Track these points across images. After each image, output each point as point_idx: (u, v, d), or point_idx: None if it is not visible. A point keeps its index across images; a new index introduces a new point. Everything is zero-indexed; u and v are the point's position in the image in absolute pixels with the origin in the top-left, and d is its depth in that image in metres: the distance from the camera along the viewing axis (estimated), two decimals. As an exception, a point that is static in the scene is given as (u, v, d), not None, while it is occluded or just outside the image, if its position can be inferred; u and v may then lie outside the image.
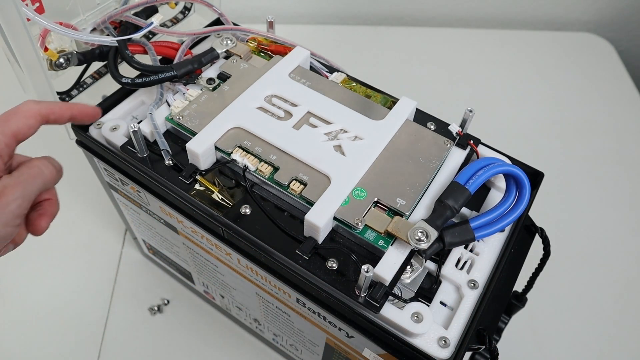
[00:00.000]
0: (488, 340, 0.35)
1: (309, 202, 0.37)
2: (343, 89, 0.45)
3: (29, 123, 0.34)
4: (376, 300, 0.33)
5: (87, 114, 0.39)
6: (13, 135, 0.33)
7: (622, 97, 0.88)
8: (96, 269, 0.64)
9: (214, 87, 0.44)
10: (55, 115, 0.36)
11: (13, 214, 0.31)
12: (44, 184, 0.33)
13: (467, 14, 0.99)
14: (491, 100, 0.86)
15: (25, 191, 0.32)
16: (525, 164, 0.42)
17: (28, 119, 0.34)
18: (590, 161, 0.79)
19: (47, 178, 0.34)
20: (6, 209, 0.30)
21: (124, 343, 0.59)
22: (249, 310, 0.53)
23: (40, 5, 0.42)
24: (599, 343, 0.61)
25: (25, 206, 0.32)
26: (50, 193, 0.36)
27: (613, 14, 0.99)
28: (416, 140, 0.41)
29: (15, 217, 0.31)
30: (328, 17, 0.98)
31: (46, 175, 0.34)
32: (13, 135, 0.33)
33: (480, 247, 0.39)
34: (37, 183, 0.33)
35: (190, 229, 0.44)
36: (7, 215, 0.30)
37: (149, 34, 0.51)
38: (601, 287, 0.66)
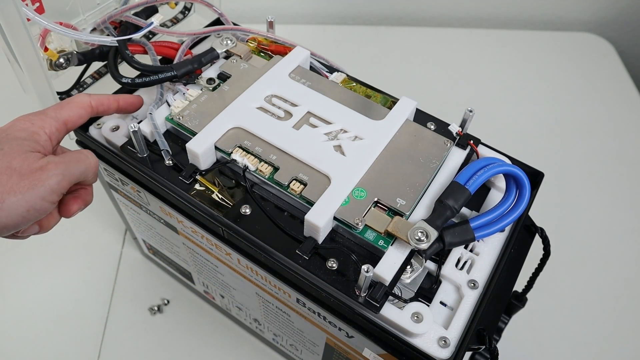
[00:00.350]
0: (488, 340, 0.35)
1: (309, 202, 0.37)
2: (343, 89, 0.45)
3: (79, 113, 0.37)
4: (376, 300, 0.33)
5: (131, 103, 0.42)
6: (64, 122, 0.36)
7: (622, 97, 0.88)
8: (96, 269, 0.64)
9: (214, 87, 0.44)
10: (104, 106, 0.39)
11: (51, 188, 0.32)
12: (86, 170, 0.35)
13: (467, 14, 0.99)
14: (491, 100, 0.86)
15: (67, 170, 0.33)
16: (525, 164, 0.42)
17: (79, 109, 0.37)
18: (590, 161, 0.79)
19: (90, 165, 0.35)
20: (45, 182, 0.32)
21: (124, 343, 0.59)
22: (249, 310, 0.53)
23: (40, 5, 0.42)
24: (599, 343, 0.61)
25: (64, 185, 0.33)
26: (86, 184, 0.37)
27: (613, 14, 0.99)
28: (416, 140, 0.41)
29: (52, 193, 0.32)
30: (328, 17, 0.98)
31: (90, 163, 0.35)
32: (64, 122, 0.36)
33: (480, 247, 0.39)
34: (80, 167, 0.34)
35: (190, 229, 0.44)
36: (45, 189, 0.32)
37: (149, 34, 0.51)
38: (601, 287, 0.66)
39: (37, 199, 0.31)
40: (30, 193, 0.31)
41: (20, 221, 0.31)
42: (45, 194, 0.32)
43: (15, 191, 0.30)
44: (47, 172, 0.32)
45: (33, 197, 0.31)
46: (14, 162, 0.31)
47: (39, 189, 0.31)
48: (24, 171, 0.31)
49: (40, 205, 0.32)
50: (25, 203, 0.31)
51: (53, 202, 0.33)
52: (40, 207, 0.32)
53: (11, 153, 0.32)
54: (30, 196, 0.31)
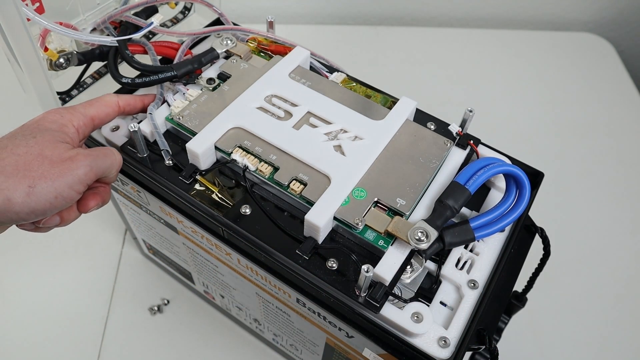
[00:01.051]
0: (488, 340, 0.35)
1: (309, 202, 0.37)
2: (343, 89, 0.45)
3: (106, 111, 0.39)
4: (376, 300, 0.33)
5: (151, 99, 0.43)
6: (91, 118, 0.38)
7: (622, 97, 0.88)
8: (96, 269, 0.64)
9: (214, 87, 0.44)
10: (131, 106, 0.41)
11: (79, 178, 0.33)
12: (111, 165, 0.36)
13: (467, 14, 0.99)
14: (491, 100, 0.86)
15: (95, 163, 0.34)
16: (525, 164, 0.42)
17: (107, 107, 0.39)
18: (590, 161, 0.79)
19: (116, 161, 0.37)
20: (74, 172, 0.33)
21: (124, 343, 0.59)
22: (249, 310, 0.53)
23: (40, 5, 0.42)
24: (599, 343, 0.61)
25: (91, 177, 0.34)
26: (106, 183, 0.38)
27: (613, 14, 0.99)
28: (416, 140, 0.41)
29: (80, 182, 0.33)
30: (328, 17, 0.98)
31: (116, 159, 0.37)
32: (91, 118, 0.38)
33: (480, 247, 0.39)
34: (107, 162, 0.36)
35: (190, 229, 0.44)
36: (73, 178, 0.33)
37: (149, 34, 0.51)
38: (601, 287, 0.66)
39: (65, 186, 0.32)
40: (60, 180, 0.32)
41: (48, 207, 0.32)
42: (73, 182, 0.33)
43: (46, 177, 0.32)
44: (76, 162, 0.33)
45: (62, 185, 0.32)
46: (45, 150, 0.33)
47: (67, 177, 0.32)
48: (54, 159, 0.33)
49: (67, 193, 0.33)
50: (54, 190, 0.32)
51: (79, 191, 0.34)
52: (67, 195, 0.33)
53: (43, 142, 0.33)
54: (60, 183, 0.32)
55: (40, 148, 0.33)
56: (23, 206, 0.31)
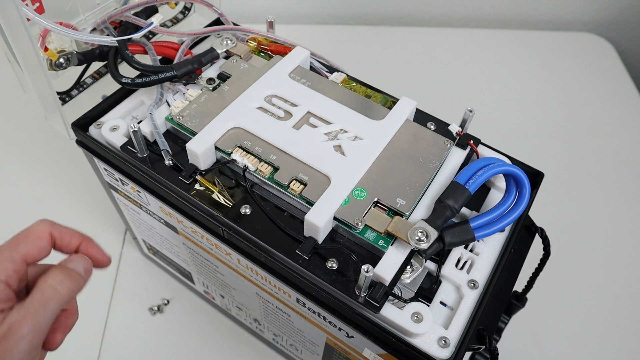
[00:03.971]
0: (488, 340, 0.35)
1: (309, 202, 0.37)
2: (343, 89, 0.45)
3: (39, 245, 0.31)
4: (376, 300, 0.33)
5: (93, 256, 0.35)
6: (23, 260, 0.30)
7: (622, 97, 0.88)
8: (96, 269, 0.64)
9: (214, 87, 0.44)
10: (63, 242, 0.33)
11: (25, 351, 0.27)
12: (59, 305, 0.30)
13: (467, 14, 0.99)
14: (491, 100, 0.86)
15: (36, 323, 0.28)
16: (525, 164, 0.42)
17: (39, 242, 0.31)
18: (591, 161, 0.79)
19: (63, 297, 0.30)
20: (15, 350, 0.27)
21: (124, 343, 0.59)
22: (249, 310, 0.53)
23: (40, 5, 0.42)
24: (599, 343, 0.61)
25: (39, 338, 0.28)
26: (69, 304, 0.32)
27: (613, 14, 0.99)
28: (416, 140, 0.41)
29: (29, 353, 0.28)
30: (328, 17, 0.98)
31: (62, 294, 0.30)
32: (23, 260, 0.30)
33: (480, 247, 0.39)
34: (52, 307, 0.29)
35: (190, 229, 0.44)
36: (19, 355, 0.27)
37: (149, 34, 0.51)
38: (601, 287, 0.66)
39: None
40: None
41: None
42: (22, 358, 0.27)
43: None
44: (12, 337, 0.27)
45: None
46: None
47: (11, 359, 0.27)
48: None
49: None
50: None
51: (34, 357, 0.29)
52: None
53: None
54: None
55: None
56: None
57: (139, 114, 0.46)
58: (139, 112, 0.46)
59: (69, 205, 0.69)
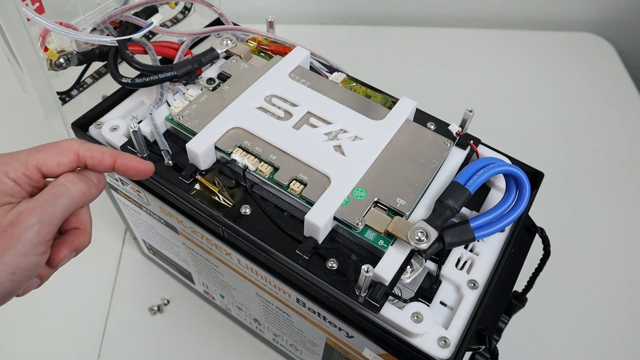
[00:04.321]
0: (488, 340, 0.35)
1: (309, 202, 0.37)
2: (343, 89, 0.45)
3: (58, 159, 0.31)
4: (376, 300, 0.33)
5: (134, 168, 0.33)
6: (36, 167, 0.30)
7: (622, 97, 0.88)
8: (96, 269, 0.64)
9: (214, 87, 0.44)
10: (95, 160, 0.32)
11: (32, 241, 0.28)
12: (70, 203, 0.30)
13: (467, 14, 0.99)
14: (491, 100, 0.86)
15: (45, 214, 0.28)
16: (525, 164, 0.42)
17: (60, 156, 0.31)
18: (590, 161, 0.79)
19: (74, 195, 0.30)
20: (22, 237, 0.27)
21: (124, 343, 0.59)
22: (249, 310, 0.53)
23: (40, 5, 0.42)
24: (599, 343, 0.61)
25: (46, 231, 0.28)
26: (81, 222, 0.32)
27: (613, 14, 0.99)
28: (416, 140, 0.41)
29: (35, 245, 0.28)
30: (328, 17, 0.98)
31: (73, 193, 0.30)
32: (36, 167, 0.30)
33: (480, 247, 0.39)
34: (61, 203, 0.29)
35: (190, 229, 0.44)
36: (25, 245, 0.27)
37: (149, 34, 0.51)
38: (601, 287, 0.66)
39: (19, 257, 0.27)
40: (9, 254, 0.27)
41: (12, 286, 0.28)
42: (26, 249, 0.27)
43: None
44: (20, 225, 0.27)
45: (14, 258, 0.27)
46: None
47: (17, 247, 0.27)
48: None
49: (26, 263, 0.28)
50: (7, 267, 0.27)
51: (42, 252, 0.28)
52: (27, 264, 0.28)
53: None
54: (10, 258, 0.27)
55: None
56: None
57: (139, 114, 0.46)
58: (139, 112, 0.46)
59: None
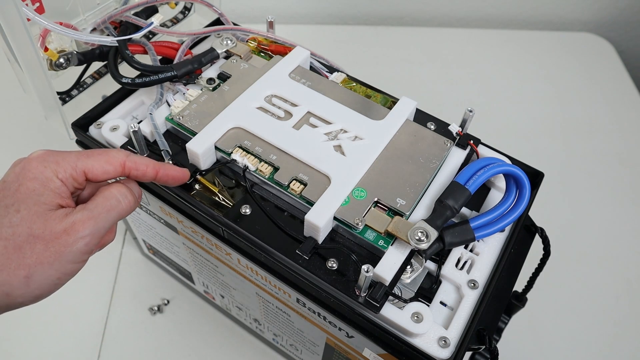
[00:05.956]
0: (488, 340, 0.35)
1: (309, 202, 0.37)
2: (343, 89, 0.45)
3: (105, 168, 0.32)
4: (376, 300, 0.33)
5: (173, 177, 0.36)
6: (83, 172, 0.31)
7: (622, 97, 0.88)
8: (96, 269, 0.64)
9: (214, 87, 0.44)
10: (139, 172, 0.33)
11: (80, 251, 0.29)
12: (119, 217, 0.31)
13: (467, 14, 0.99)
14: (491, 100, 0.86)
15: (97, 227, 0.30)
16: (525, 164, 0.42)
17: (107, 165, 0.32)
18: (590, 161, 0.79)
19: (123, 210, 0.32)
20: (74, 247, 0.29)
21: (124, 343, 0.59)
22: (249, 310, 0.53)
23: (40, 5, 0.42)
24: (599, 343, 0.61)
25: (94, 243, 0.30)
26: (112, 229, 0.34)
27: (613, 14, 0.99)
28: (416, 140, 0.41)
29: (83, 254, 0.30)
30: (328, 17, 0.98)
31: (123, 207, 0.32)
32: (83, 172, 0.31)
33: (480, 247, 0.39)
34: (112, 217, 0.31)
35: (190, 229, 0.44)
36: (74, 254, 0.29)
37: (149, 34, 0.51)
38: (601, 287, 0.66)
39: (67, 264, 0.29)
40: (59, 262, 0.28)
41: (53, 288, 0.29)
42: (75, 258, 0.29)
43: (43, 263, 0.28)
44: (73, 234, 0.29)
45: (62, 265, 0.29)
46: (34, 227, 0.28)
47: (68, 256, 0.29)
48: (47, 237, 0.28)
49: (71, 269, 0.29)
50: (55, 272, 0.29)
51: (85, 260, 0.30)
52: (71, 271, 0.30)
53: (29, 216, 0.28)
54: (59, 264, 0.29)
55: (28, 225, 0.28)
56: (25, 297, 0.28)
57: (139, 114, 0.46)
58: (139, 112, 0.46)
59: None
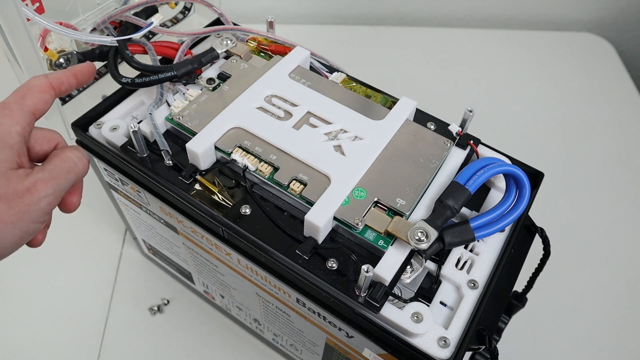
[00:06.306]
0: (488, 340, 0.35)
1: (309, 202, 0.37)
2: (343, 89, 0.45)
3: (44, 98, 0.32)
4: (376, 300, 0.33)
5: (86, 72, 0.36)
6: (32, 113, 0.31)
7: (622, 97, 0.88)
8: (96, 269, 0.64)
9: (214, 87, 0.44)
10: (65, 85, 0.34)
11: (43, 211, 0.30)
12: (76, 179, 0.33)
13: (467, 14, 0.99)
14: (491, 100, 0.86)
15: (58, 187, 0.31)
16: (525, 164, 0.42)
17: (43, 94, 0.32)
18: (590, 161, 0.79)
19: (80, 172, 0.33)
20: (36, 206, 0.29)
21: (124, 343, 0.59)
22: (249, 310, 0.53)
23: (40, 5, 0.43)
24: (599, 343, 0.61)
25: (55, 203, 0.31)
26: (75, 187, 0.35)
27: (613, 14, 0.99)
28: (416, 140, 0.41)
29: (44, 214, 0.30)
30: (328, 17, 0.98)
31: (79, 169, 0.33)
32: (32, 113, 0.31)
33: (480, 247, 0.39)
34: (70, 178, 0.32)
35: (190, 229, 0.44)
36: (37, 213, 0.29)
37: (149, 34, 0.51)
38: (601, 287, 0.66)
39: (29, 223, 0.29)
40: (23, 220, 0.29)
41: (14, 248, 0.30)
42: (37, 217, 0.29)
43: (6, 222, 0.28)
44: (36, 193, 0.29)
45: (25, 224, 0.29)
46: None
47: (30, 215, 0.29)
48: (9, 196, 0.28)
49: (33, 228, 0.30)
50: (18, 231, 0.29)
51: (45, 220, 0.31)
52: (33, 230, 0.30)
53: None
54: (22, 224, 0.29)
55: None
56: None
57: (139, 114, 0.46)
58: (139, 112, 0.46)
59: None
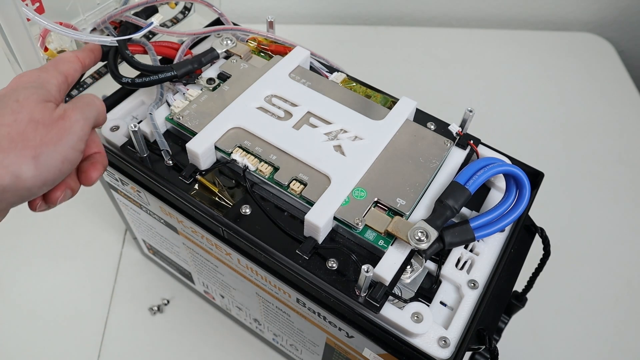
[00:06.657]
0: (488, 340, 0.35)
1: (309, 202, 0.37)
2: (343, 89, 0.45)
3: (74, 67, 0.36)
4: (376, 300, 0.33)
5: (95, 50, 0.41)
6: (65, 76, 0.34)
7: (622, 97, 0.88)
8: (96, 269, 0.64)
9: (214, 87, 0.44)
10: (89, 58, 0.39)
11: (78, 135, 0.31)
12: (97, 113, 0.34)
13: (467, 14, 0.99)
14: (491, 100, 0.86)
15: (85, 114, 0.32)
16: (525, 164, 0.42)
17: (74, 63, 0.36)
18: (590, 161, 0.79)
19: (99, 108, 0.34)
20: (71, 130, 0.31)
21: (124, 343, 0.59)
22: (249, 310, 0.53)
23: (40, 5, 0.42)
24: (599, 343, 0.61)
25: (86, 130, 0.32)
26: (98, 146, 0.36)
27: (613, 14, 0.99)
28: (416, 140, 0.41)
29: (80, 140, 0.31)
30: (328, 17, 0.98)
31: (97, 104, 0.34)
32: (65, 76, 0.34)
33: (480, 247, 0.39)
34: (93, 110, 0.33)
35: (190, 229, 0.44)
36: (73, 137, 0.31)
37: (149, 34, 0.51)
38: (601, 287, 0.66)
39: (68, 149, 0.31)
40: (62, 144, 0.30)
41: (58, 175, 0.30)
42: (74, 142, 0.31)
43: (47, 144, 0.29)
44: (68, 119, 0.31)
45: (65, 148, 0.30)
46: (34, 113, 0.30)
47: (68, 138, 0.30)
48: (47, 122, 0.30)
49: (72, 155, 0.31)
50: (59, 155, 0.30)
51: (81, 150, 0.32)
52: (72, 157, 0.31)
53: (29, 104, 0.30)
54: (62, 147, 0.30)
55: (28, 112, 0.30)
56: (35, 180, 0.29)
57: (139, 114, 0.46)
58: (139, 112, 0.46)
59: (69, 205, 0.68)
